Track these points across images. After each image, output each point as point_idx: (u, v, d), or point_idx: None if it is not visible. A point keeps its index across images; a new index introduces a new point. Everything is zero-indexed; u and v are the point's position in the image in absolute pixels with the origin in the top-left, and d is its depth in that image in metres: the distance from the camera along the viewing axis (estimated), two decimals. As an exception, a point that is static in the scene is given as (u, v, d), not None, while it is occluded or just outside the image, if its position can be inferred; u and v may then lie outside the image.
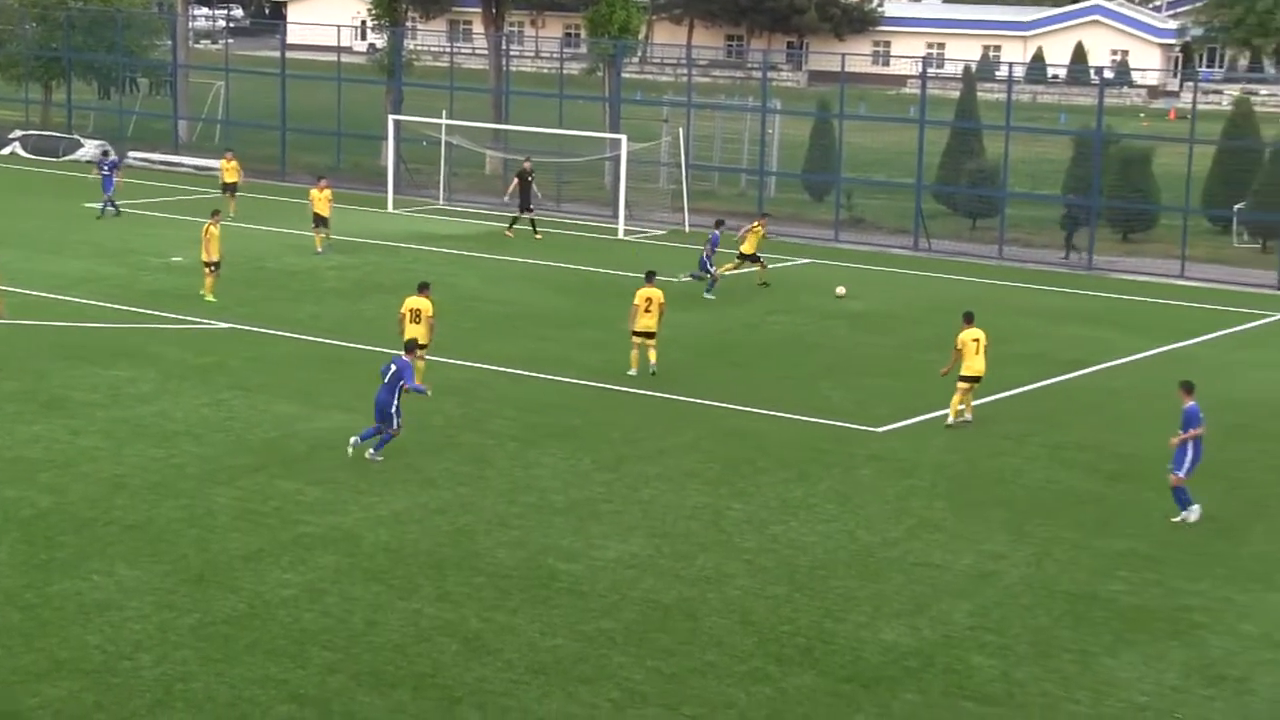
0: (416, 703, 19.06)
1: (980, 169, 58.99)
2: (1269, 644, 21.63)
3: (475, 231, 55.75)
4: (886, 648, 21.14)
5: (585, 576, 23.27)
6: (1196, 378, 35.85)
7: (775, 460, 29.34)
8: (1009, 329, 41.67)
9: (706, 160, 66.48)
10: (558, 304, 43.14)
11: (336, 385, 33.45)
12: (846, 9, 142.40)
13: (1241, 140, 57.66)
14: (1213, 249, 55.04)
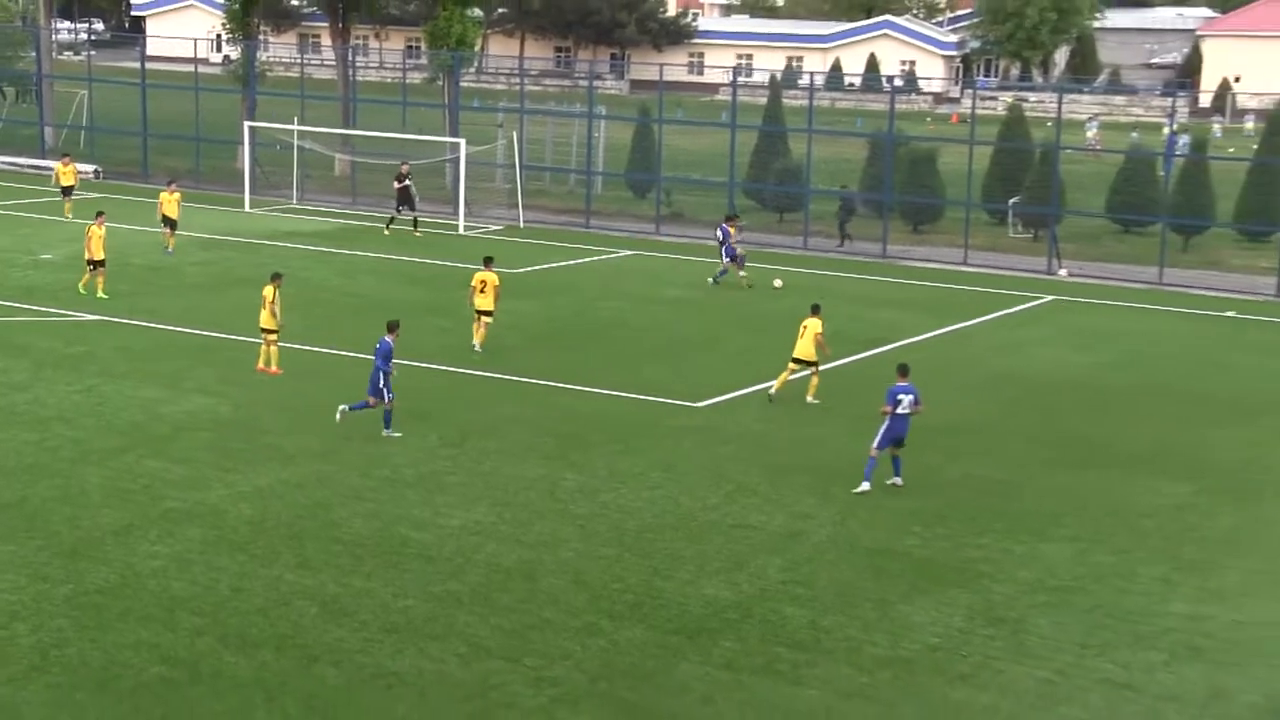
0: (279, 661, 18.98)
1: (786, 168, 59.47)
2: (1042, 589, 22.11)
3: (327, 228, 55.38)
4: (708, 601, 21.34)
5: (433, 543, 23.27)
6: (978, 354, 36.60)
7: (605, 434, 29.46)
8: (807, 311, 42.11)
9: (539, 161, 66.49)
10: (405, 294, 42.95)
11: (199, 371, 33.11)
12: (664, 23, 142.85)
13: (1014, 142, 58.60)
14: (991, 238, 55.89)
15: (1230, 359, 38.30)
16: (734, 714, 18.02)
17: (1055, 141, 55.97)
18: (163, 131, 67.45)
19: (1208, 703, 18.80)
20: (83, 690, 18.10)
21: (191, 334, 36.45)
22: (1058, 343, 39.40)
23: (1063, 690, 18.94)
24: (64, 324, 37.30)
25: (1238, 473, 28.31)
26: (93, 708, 17.69)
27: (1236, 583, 22.77)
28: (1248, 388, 35.09)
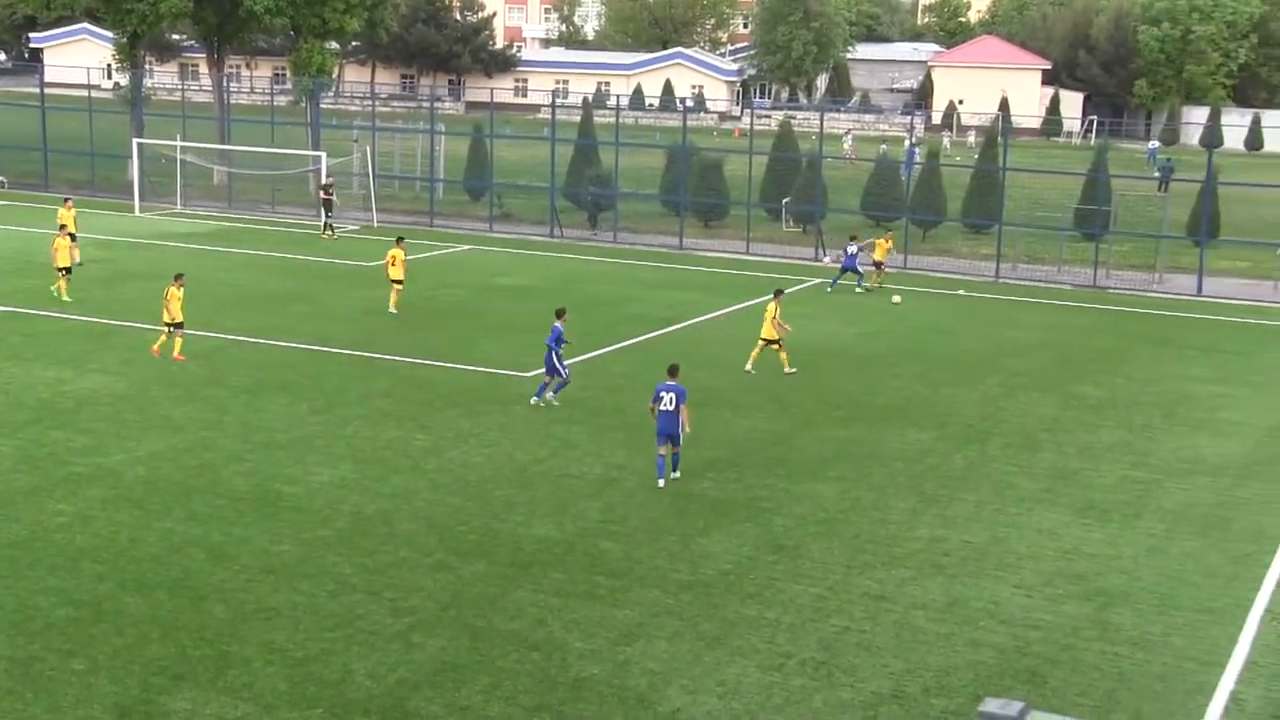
0: (172, 601, 18.58)
1: (598, 174, 59.44)
2: (814, 521, 22.34)
3: (207, 230, 54.23)
4: (538, 539, 21.25)
5: (304, 496, 22.92)
6: (759, 331, 36.70)
7: (450, 401, 29.21)
8: (622, 296, 42.19)
9: (389, 171, 65.73)
10: (277, 286, 42.24)
11: (99, 354, 32.29)
12: (493, 54, 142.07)
13: (785, 152, 59.25)
14: (768, 232, 56.33)
15: (961, 328, 39.05)
16: (562, 633, 17.96)
17: (818, 152, 56.65)
18: (61, 147, 65.70)
19: (947, 609, 19.11)
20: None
21: (92, 322, 35.46)
22: (825, 317, 39.82)
23: (832, 604, 19.13)
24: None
25: (969, 422, 28.84)
26: (6, 645, 17.18)
27: (967, 511, 23.20)
28: (976, 352, 35.78)
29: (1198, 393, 31.91)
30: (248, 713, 15.69)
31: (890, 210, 56.35)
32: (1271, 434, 28.73)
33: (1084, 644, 18.18)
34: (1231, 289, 47.77)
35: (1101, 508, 23.65)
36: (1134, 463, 26.39)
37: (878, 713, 16.15)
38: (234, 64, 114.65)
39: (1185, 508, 23.89)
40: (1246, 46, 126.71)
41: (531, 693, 16.34)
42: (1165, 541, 22.18)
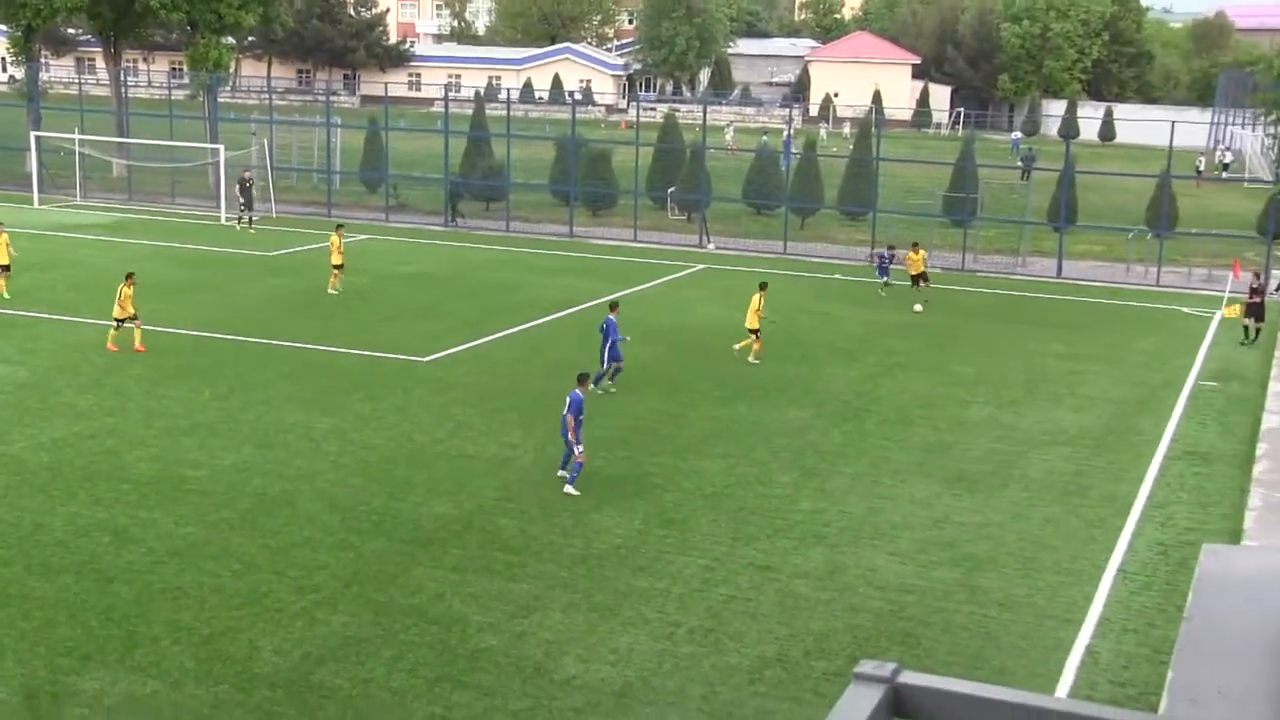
0: (79, 584, 18.30)
1: (490, 165, 59.27)
2: (701, 495, 22.49)
3: (107, 221, 53.28)
4: (437, 517, 21.21)
5: (208, 479, 22.66)
6: (649, 310, 36.86)
7: (351, 385, 28.99)
8: (516, 281, 42.11)
9: (287, 162, 64.97)
10: (179, 275, 41.61)
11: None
12: (387, 49, 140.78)
13: (670, 143, 59.38)
14: (655, 220, 56.50)
15: (837, 311, 39.46)
16: (461, 606, 17.95)
17: (702, 143, 56.78)
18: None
19: (827, 576, 19.35)
20: (-91, 615, 17.20)
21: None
22: (709, 300, 40.05)
23: (719, 574, 19.29)
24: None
25: (847, 400, 29.18)
26: (-81, 630, 16.82)
27: (845, 484, 23.49)
28: (853, 333, 36.19)
29: (1057, 369, 32.55)
30: (156, 690, 15.52)
31: (771, 198, 56.74)
32: (1122, 406, 29.41)
33: (954, 606, 18.52)
34: (1088, 271, 48.75)
35: (970, 478, 24.07)
36: (1000, 435, 26.88)
37: (763, 676, 16.34)
38: (131, 58, 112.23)
39: (1046, 476, 24.40)
40: (1099, 44, 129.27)
41: (433, 664, 16.33)
42: (1028, 509, 22.64)
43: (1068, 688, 16.31)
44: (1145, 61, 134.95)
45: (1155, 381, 31.81)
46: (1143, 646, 17.47)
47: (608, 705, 15.50)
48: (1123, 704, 15.35)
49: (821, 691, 15.90)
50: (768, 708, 15.56)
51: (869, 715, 2.31)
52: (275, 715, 15.05)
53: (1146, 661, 16.96)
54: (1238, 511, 22.75)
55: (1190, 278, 47.29)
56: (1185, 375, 32.65)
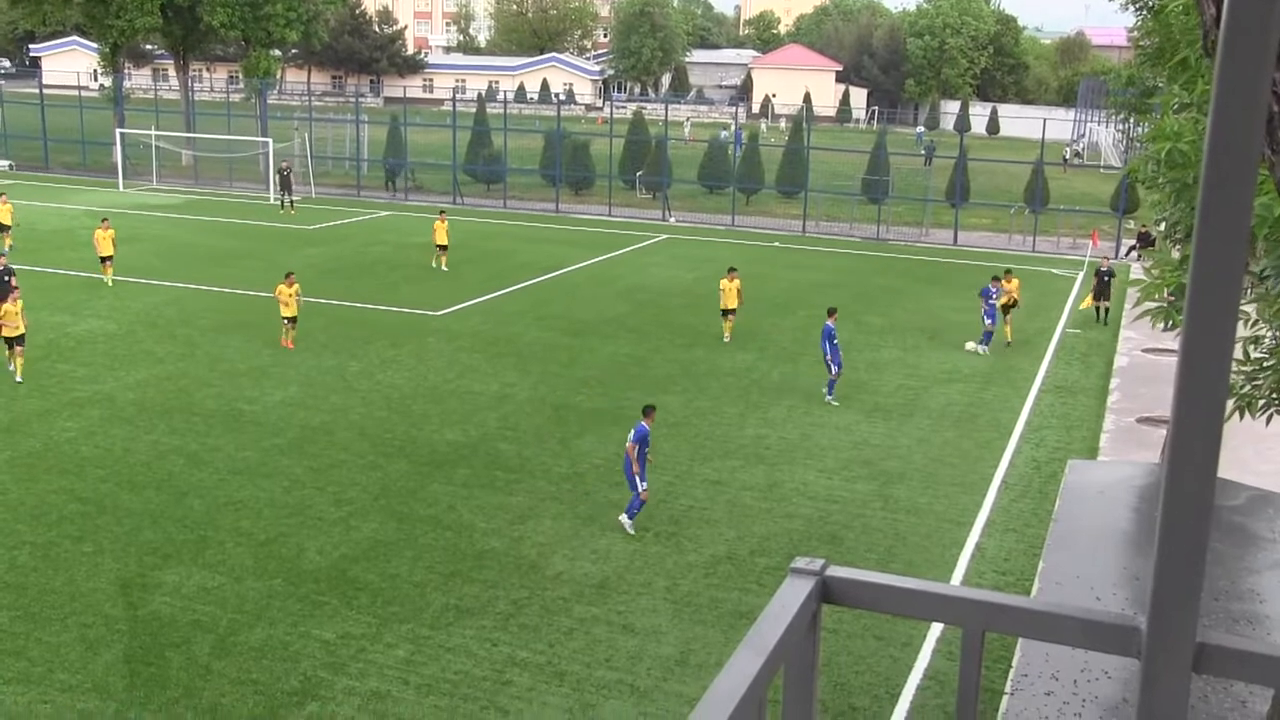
0: (159, 497, 18.27)
1: (490, 154, 58.81)
2: (665, 424, 22.45)
3: (177, 202, 52.68)
4: (450, 443, 21.20)
5: (261, 413, 22.58)
6: (620, 273, 36.52)
7: (376, 335, 28.88)
8: (506, 249, 41.89)
9: (323, 153, 64.34)
10: (234, 245, 41.25)
11: (93, 302, 31.36)
12: (406, 58, 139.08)
13: (638, 135, 58.98)
14: (626, 199, 56.23)
15: (776, 273, 39.41)
16: (469, 515, 17.98)
17: (664, 135, 56.48)
18: (57, 137, 63.23)
19: (768, 490, 19.45)
20: (22, 522, 17.17)
21: (87, 277, 34.32)
22: (670, 265, 39.96)
23: (680, 488, 19.37)
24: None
25: (784, 345, 29.22)
26: (31, 532, 16.81)
27: (782, 414, 23.56)
28: (787, 290, 36.17)
29: (954, 320, 32.64)
30: (223, 583, 15.53)
31: (721, 180, 56.53)
32: (1005, 351, 29.50)
33: (871, 513, 18.66)
34: (979, 240, 48.80)
35: (884, 409, 24.19)
36: (907, 374, 26.99)
37: (716, 570, 16.44)
38: (196, 68, 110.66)
39: (945, 407, 24.54)
40: (986, 55, 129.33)
41: (446, 562, 16.38)
42: (931, 433, 22.78)
43: (961, 577, 16.49)
44: (1022, 70, 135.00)
45: (1031, 330, 31.94)
46: (1020, 543, 17.66)
47: (590, 595, 15.59)
48: (1004, 589, 15.56)
49: (763, 583, 16.02)
50: (720, 596, 15.67)
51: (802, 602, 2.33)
52: (319, 603, 15.09)
53: (1023, 555, 17.14)
54: (1095, 434, 22.95)
55: (1059, 245, 47.42)
56: (1055, 324, 32.81)
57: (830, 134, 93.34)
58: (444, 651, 13.96)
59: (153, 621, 14.48)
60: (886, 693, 13.32)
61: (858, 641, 14.30)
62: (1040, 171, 50.64)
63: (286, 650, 13.88)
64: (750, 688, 2.01)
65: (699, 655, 14.09)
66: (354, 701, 12.84)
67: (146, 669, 13.41)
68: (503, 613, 14.97)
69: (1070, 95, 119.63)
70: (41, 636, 14.05)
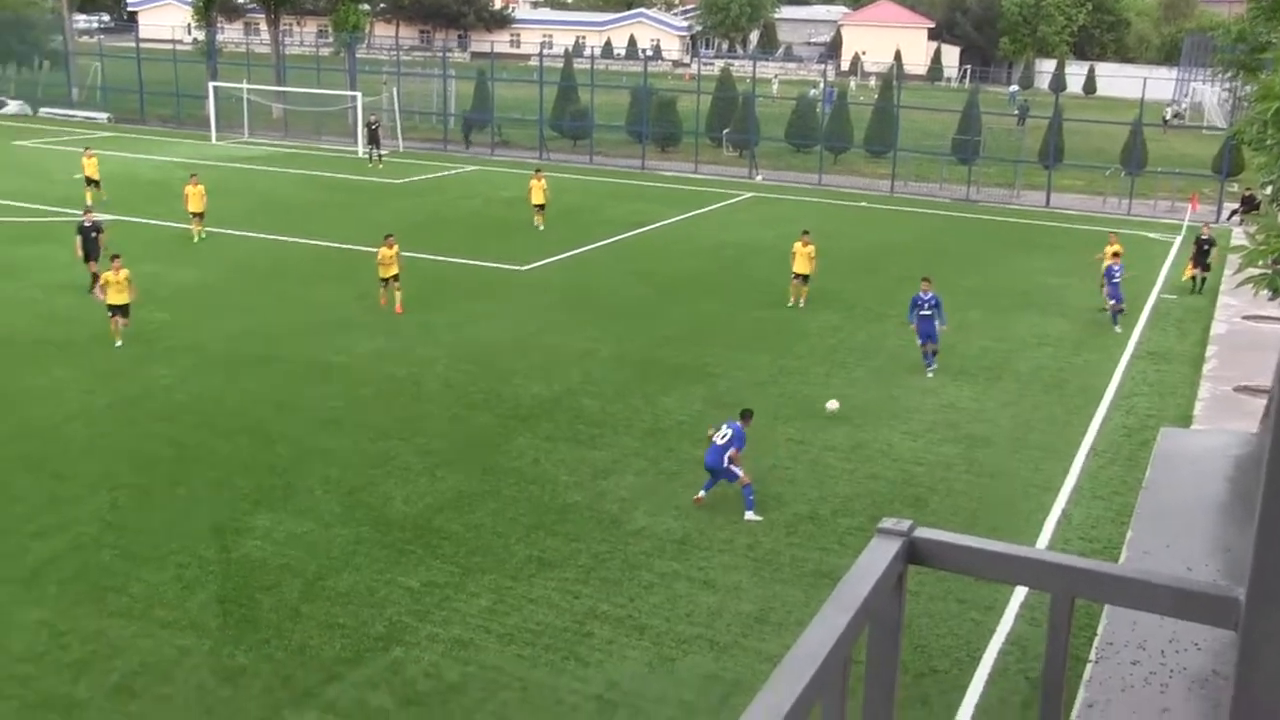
0: (250, 444, 18.68)
1: (577, 109, 58.77)
2: (750, 383, 22.49)
3: (268, 154, 53.43)
4: (533, 397, 21.38)
5: (349, 363, 22.94)
6: (706, 230, 36.32)
7: (462, 289, 29.14)
8: (597, 205, 41.93)
9: (410, 106, 64.74)
10: (322, 198, 41.80)
11: (187, 253, 32.04)
12: (493, 13, 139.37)
13: (725, 92, 58.54)
14: (712, 156, 55.93)
15: (863, 232, 38.96)
16: (552, 469, 18.14)
17: (752, 92, 56.02)
18: (153, 90, 64.35)
19: (851, 450, 19.37)
20: (120, 464, 17.69)
21: (182, 228, 34.98)
22: (756, 224, 39.74)
23: (763, 447, 19.33)
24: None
25: (868, 305, 28.96)
26: (130, 475, 17.33)
27: (866, 375, 23.39)
28: (873, 250, 35.78)
29: (1044, 283, 32.11)
30: (311, 529, 15.87)
31: (809, 138, 55.94)
32: (1097, 315, 28.89)
33: (955, 476, 18.50)
34: (1072, 202, 47.80)
35: (970, 372, 23.91)
36: (996, 337, 26.63)
37: (797, 529, 16.44)
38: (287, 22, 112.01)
39: (1034, 372, 24.19)
40: (1084, 12, 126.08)
41: (529, 515, 16.56)
42: (1018, 397, 22.48)
43: (1046, 543, 16.30)
44: (1123, 27, 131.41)
45: (1125, 295, 31.29)
46: (1108, 511, 17.40)
47: (671, 550, 15.68)
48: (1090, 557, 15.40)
49: (845, 543, 15.99)
50: (800, 555, 15.67)
51: (889, 562, 2.34)
52: (404, 551, 15.36)
53: (1110, 523, 16.90)
54: (1189, 401, 22.48)
55: (1155, 209, 46.31)
56: (1150, 289, 32.11)
57: (920, 92, 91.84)
58: (526, 602, 14.15)
59: (244, 564, 14.85)
60: (967, 656, 13.26)
61: (939, 604, 14.24)
62: (1139, 132, 49.43)
63: (372, 596, 14.17)
64: (835, 646, 2.02)
65: (779, 613, 14.12)
66: (437, 648, 13.09)
67: (238, 609, 13.78)
68: (584, 565, 15.12)
69: (1173, 53, 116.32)
70: (141, 575, 14.49)
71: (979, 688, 12.66)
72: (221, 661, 12.71)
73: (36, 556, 14.90)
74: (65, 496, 16.60)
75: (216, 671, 12.53)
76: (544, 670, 12.73)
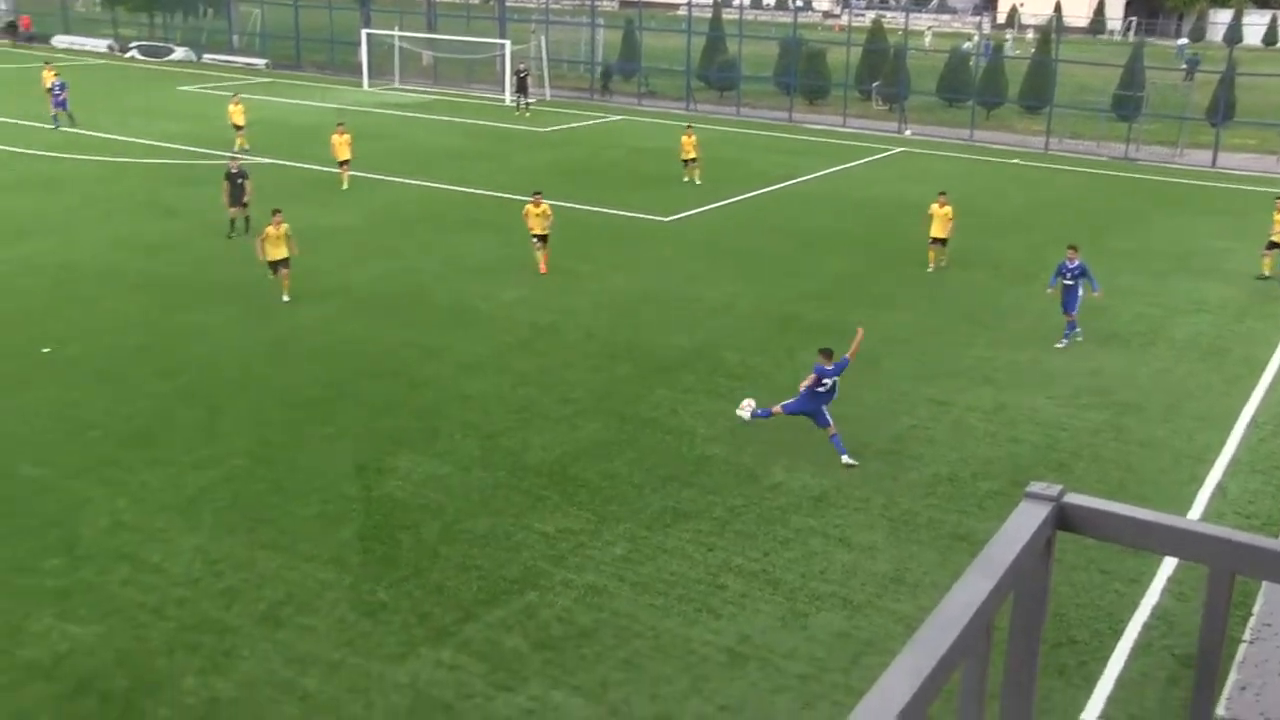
0: (394, 387, 19.12)
1: (725, 60, 58.32)
2: (891, 341, 22.09)
3: (417, 101, 54.27)
4: (674, 348, 21.41)
5: (493, 310, 23.26)
6: (852, 185, 35.79)
7: (603, 239, 29.27)
8: (737, 157, 41.60)
9: (558, 55, 65.02)
10: (469, 145, 42.31)
11: (338, 198, 32.77)
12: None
13: (876, 44, 57.38)
14: (861, 109, 55.00)
15: (1013, 190, 38.01)
16: (690, 420, 18.17)
17: (904, 45, 54.82)
18: (309, 36, 65.85)
19: (994, 412, 18.98)
20: (271, 404, 18.26)
21: (334, 173, 35.76)
22: (903, 179, 39.00)
23: (903, 406, 19.10)
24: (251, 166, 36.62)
25: (1016, 265, 28.22)
26: (278, 413, 17.89)
27: (1013, 337, 22.84)
28: (1023, 209, 34.86)
29: (1206, 246, 30.89)
30: (450, 471, 16.20)
31: (961, 93, 54.57)
32: (1264, 282, 27.74)
33: (1102, 443, 17.99)
34: (1241, 162, 45.76)
35: (1122, 337, 23.17)
36: (1150, 302, 25.73)
37: (935, 490, 16.20)
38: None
39: (1191, 338, 23.33)
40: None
41: (666, 466, 16.63)
42: (1173, 365, 21.72)
43: (1198, 516, 15.76)
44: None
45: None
46: (1268, 485, 16.75)
47: (807, 506, 15.60)
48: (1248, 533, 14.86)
49: (984, 507, 15.70)
50: (938, 517, 15.45)
51: (1037, 528, 2.26)
52: (541, 497, 15.58)
53: (1270, 498, 16.27)
54: (1360, 375, 21.44)
55: (1333, 171, 44.07)
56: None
57: (1081, 46, 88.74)
58: (660, 552, 14.25)
59: (386, 503, 15.25)
60: (1109, 628, 12.93)
61: (1080, 573, 13.90)
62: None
63: (509, 540, 14.42)
64: (978, 611, 1.97)
65: (914, 574, 13.96)
66: (571, 594, 13.27)
67: (379, 547, 14.16)
68: (719, 518, 15.14)
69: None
70: (288, 508, 14.99)
71: (1121, 661, 12.35)
72: (362, 597, 13.10)
73: (194, 486, 15.53)
74: (220, 430, 17.24)
75: (357, 606, 12.92)
76: (676, 620, 12.82)
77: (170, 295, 23.53)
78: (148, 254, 26.55)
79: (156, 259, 26.22)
